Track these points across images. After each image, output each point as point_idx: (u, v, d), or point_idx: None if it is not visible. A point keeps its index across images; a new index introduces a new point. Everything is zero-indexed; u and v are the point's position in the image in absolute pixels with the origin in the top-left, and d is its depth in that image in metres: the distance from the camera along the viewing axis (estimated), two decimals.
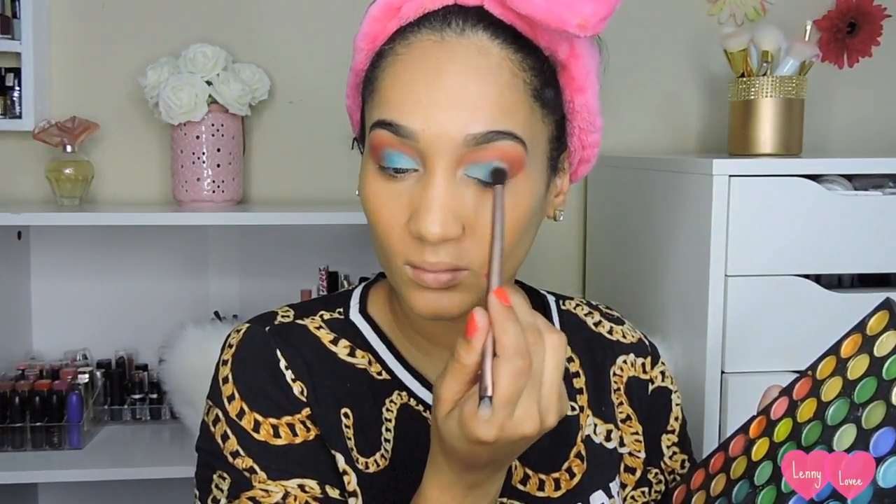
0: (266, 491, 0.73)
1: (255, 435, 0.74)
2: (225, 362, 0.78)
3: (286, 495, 0.73)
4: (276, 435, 0.75)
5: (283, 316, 0.81)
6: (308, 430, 0.76)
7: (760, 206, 1.26)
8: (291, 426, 0.75)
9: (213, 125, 1.66)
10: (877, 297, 1.31)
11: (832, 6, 1.89)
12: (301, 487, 0.73)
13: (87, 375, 1.64)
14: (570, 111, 0.73)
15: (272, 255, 1.84)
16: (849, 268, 1.32)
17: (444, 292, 0.69)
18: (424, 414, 0.79)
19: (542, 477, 0.82)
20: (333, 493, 0.75)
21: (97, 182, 1.75)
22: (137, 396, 1.74)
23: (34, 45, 1.67)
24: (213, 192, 1.68)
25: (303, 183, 1.83)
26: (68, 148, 1.66)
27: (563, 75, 0.71)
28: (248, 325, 0.80)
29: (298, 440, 0.75)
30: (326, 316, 0.82)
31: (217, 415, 0.77)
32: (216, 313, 1.75)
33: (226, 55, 1.67)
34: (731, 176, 1.25)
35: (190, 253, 1.82)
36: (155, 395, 1.73)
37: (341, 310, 0.83)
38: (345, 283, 1.78)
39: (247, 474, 0.74)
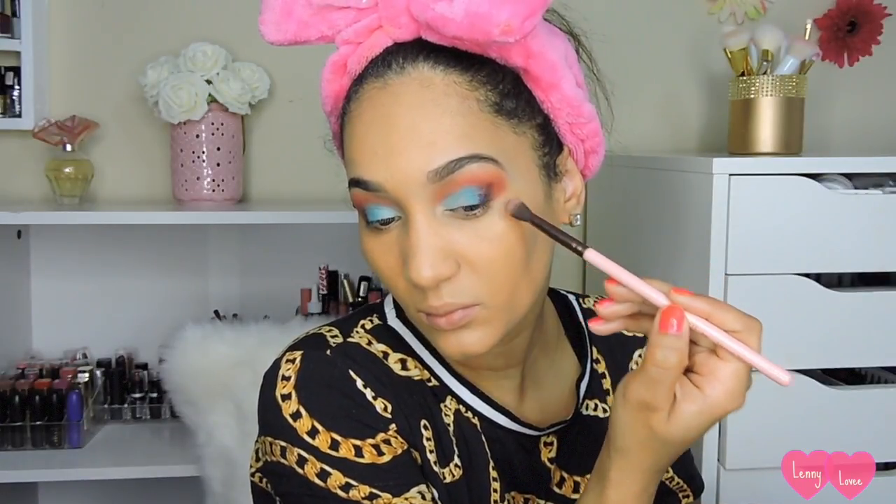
0: None
1: (360, 460, 0.71)
2: (285, 397, 0.72)
3: None
4: (380, 453, 0.71)
5: (332, 336, 0.76)
6: (402, 442, 0.73)
7: (760, 205, 1.26)
8: (388, 442, 0.72)
9: (212, 124, 1.66)
10: (877, 296, 1.32)
11: (832, 5, 1.89)
12: (421, 495, 0.72)
13: (87, 374, 1.64)
14: (550, 110, 0.70)
15: (272, 255, 1.84)
16: (849, 267, 1.32)
17: (463, 331, 0.68)
18: (473, 420, 0.78)
19: (577, 479, 0.82)
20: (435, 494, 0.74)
21: (97, 181, 1.75)
22: (137, 395, 1.74)
23: (34, 44, 1.67)
24: (213, 190, 1.68)
25: (303, 182, 1.83)
26: (68, 147, 1.66)
27: (527, 78, 0.68)
28: (300, 352, 0.74)
29: (400, 452, 0.72)
30: (368, 325, 0.79)
31: (300, 455, 0.71)
32: (216, 312, 1.75)
33: (226, 54, 1.67)
34: (731, 175, 1.25)
35: (190, 252, 1.82)
36: (155, 394, 1.73)
37: (378, 315, 0.80)
38: (344, 282, 1.78)
39: (367, 502, 0.70)
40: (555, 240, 0.64)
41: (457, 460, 0.76)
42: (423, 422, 0.75)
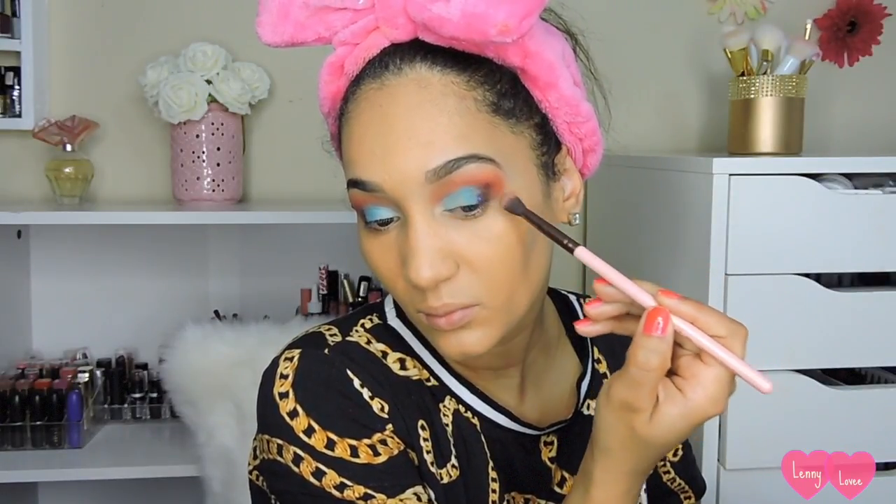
0: None
1: (356, 460, 0.71)
2: (283, 395, 0.72)
3: None
4: (376, 453, 0.71)
5: (331, 335, 0.76)
6: (398, 442, 0.73)
7: (760, 205, 1.26)
8: (384, 442, 0.72)
9: (212, 124, 1.66)
10: (877, 296, 1.32)
11: (832, 5, 1.89)
12: (417, 496, 0.72)
13: (87, 374, 1.64)
14: (548, 109, 0.70)
15: (272, 255, 1.84)
16: (849, 267, 1.32)
17: (463, 331, 0.68)
18: (473, 420, 0.78)
19: None
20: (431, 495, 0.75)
21: (97, 181, 1.75)
22: (137, 395, 1.74)
23: (34, 44, 1.67)
24: (213, 190, 1.68)
25: (303, 182, 1.83)
26: (68, 147, 1.66)
27: (525, 78, 0.68)
28: (298, 350, 0.74)
29: (396, 452, 0.73)
30: (368, 325, 0.79)
31: (296, 453, 0.71)
32: (216, 312, 1.75)
33: (226, 54, 1.67)
34: (731, 175, 1.25)
35: (190, 252, 1.82)
36: (155, 394, 1.73)
37: (378, 315, 0.80)
38: (344, 282, 1.78)
39: (362, 502, 0.70)
40: (547, 235, 0.65)
41: (454, 461, 0.76)
42: (421, 422, 0.75)
